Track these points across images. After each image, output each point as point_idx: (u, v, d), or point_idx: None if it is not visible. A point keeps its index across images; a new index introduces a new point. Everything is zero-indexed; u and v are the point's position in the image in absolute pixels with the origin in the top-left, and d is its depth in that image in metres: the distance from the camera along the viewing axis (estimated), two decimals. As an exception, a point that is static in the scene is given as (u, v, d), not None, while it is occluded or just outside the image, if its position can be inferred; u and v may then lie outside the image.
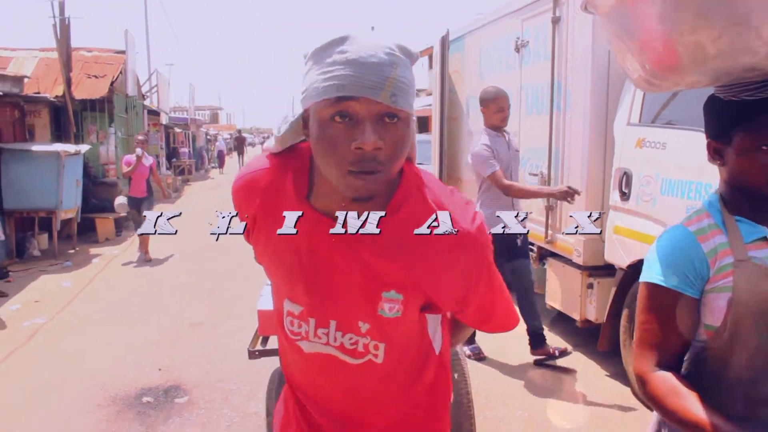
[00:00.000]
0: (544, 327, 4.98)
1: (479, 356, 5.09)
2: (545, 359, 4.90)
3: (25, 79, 10.94)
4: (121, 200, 10.08)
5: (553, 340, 5.01)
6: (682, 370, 1.51)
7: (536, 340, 4.92)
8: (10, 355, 5.53)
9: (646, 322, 1.48)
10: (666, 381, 1.44)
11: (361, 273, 1.25)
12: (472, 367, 4.68)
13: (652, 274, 1.47)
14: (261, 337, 3.17)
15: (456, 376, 2.99)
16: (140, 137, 9.98)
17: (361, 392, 1.40)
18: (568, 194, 4.32)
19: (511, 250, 4.80)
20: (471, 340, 5.14)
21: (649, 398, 1.48)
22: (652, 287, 1.47)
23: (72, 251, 10.41)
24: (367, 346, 1.32)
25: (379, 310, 1.28)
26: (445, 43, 7.92)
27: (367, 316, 1.29)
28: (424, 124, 18.41)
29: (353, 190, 1.13)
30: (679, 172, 3.79)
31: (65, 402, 4.50)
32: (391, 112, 1.11)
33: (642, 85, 1.63)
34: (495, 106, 4.77)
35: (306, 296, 1.32)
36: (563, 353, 4.87)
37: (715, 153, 1.50)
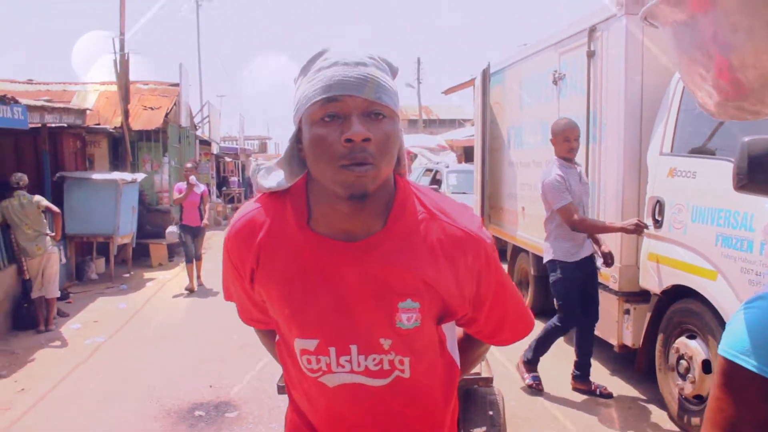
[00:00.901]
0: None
1: (538, 387, 4.97)
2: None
3: (87, 112, 11.54)
4: (171, 229, 10.34)
5: (592, 365, 5.10)
6: None
7: (582, 374, 5.00)
8: (73, 370, 5.89)
9: (718, 400, 1.22)
10: None
11: (374, 287, 1.26)
12: (510, 387, 4.83)
13: (732, 348, 1.19)
14: None
15: (492, 412, 3.14)
16: (189, 165, 9.85)
17: (395, 419, 1.38)
18: (639, 228, 4.43)
19: (588, 276, 4.85)
20: (533, 368, 5.03)
21: None
22: (731, 364, 1.18)
23: (127, 275, 10.86)
24: (393, 362, 1.31)
25: (397, 323, 1.27)
26: (486, 75, 8.17)
27: (387, 332, 1.28)
28: (469, 154, 18.66)
29: (347, 186, 1.15)
30: (709, 200, 3.93)
31: (124, 414, 4.80)
32: (376, 108, 1.17)
33: (726, 112, 1.34)
34: (562, 136, 4.72)
35: (322, 326, 1.29)
36: (603, 394, 4.88)
37: None
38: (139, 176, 11.63)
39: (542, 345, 4.94)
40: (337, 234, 1.26)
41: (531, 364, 5.03)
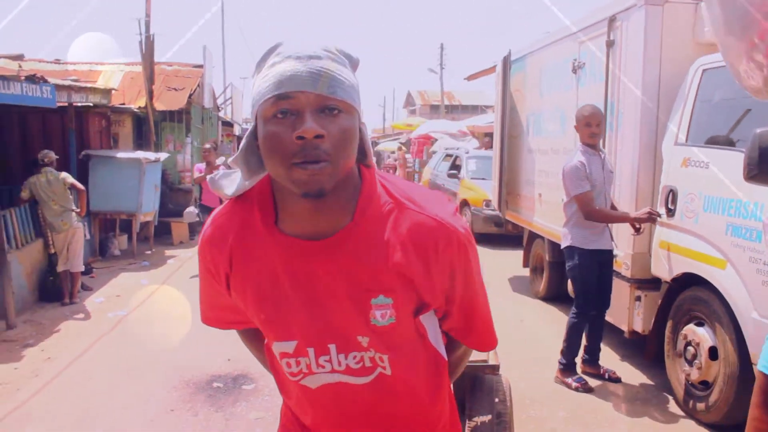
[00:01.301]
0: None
1: (586, 387, 4.82)
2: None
3: (113, 92, 11.71)
4: (190, 210, 10.50)
5: (603, 350, 5.19)
6: None
7: (591, 358, 5.08)
8: (96, 342, 6.10)
9: (757, 421, 1.14)
10: None
11: (346, 285, 1.23)
12: (520, 368, 4.94)
13: None
14: None
15: (497, 399, 3.09)
16: (207, 146, 9.81)
17: (383, 418, 1.37)
18: (652, 217, 4.49)
19: (604, 268, 4.84)
20: (572, 372, 4.95)
21: None
22: None
23: (149, 252, 11.07)
24: (374, 359, 1.29)
25: (371, 320, 1.24)
26: (507, 62, 8.20)
27: (363, 329, 1.26)
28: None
29: (301, 184, 1.11)
30: (720, 189, 3.99)
31: (145, 383, 4.98)
32: (331, 103, 1.12)
33: None
34: (583, 122, 4.72)
35: (298, 327, 1.27)
36: (612, 378, 4.96)
37: None
38: (162, 156, 11.79)
39: (570, 344, 4.91)
40: (305, 233, 1.22)
41: (568, 369, 4.94)
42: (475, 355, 2.95)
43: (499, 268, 9.18)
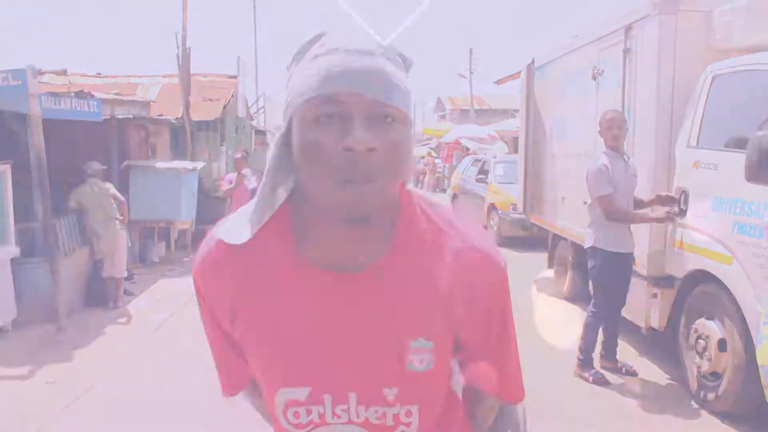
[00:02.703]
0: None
1: (603, 380, 5.02)
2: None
3: (151, 104, 12.16)
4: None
5: (621, 346, 5.39)
6: None
7: (609, 354, 5.27)
8: (141, 343, 6.49)
9: None
10: None
11: (381, 325, 1.06)
12: (545, 355, 5.17)
13: None
14: None
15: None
16: (238, 155, 9.98)
17: None
18: (670, 216, 4.74)
19: (624, 270, 5.00)
20: (590, 366, 5.10)
21: None
22: None
23: (186, 259, 11.42)
24: (397, 416, 1.11)
25: (408, 365, 1.07)
26: (530, 70, 8.44)
27: (394, 378, 1.08)
28: (517, 146, 18.96)
29: (346, 207, 0.95)
30: (728, 190, 4.19)
31: (188, 379, 5.26)
32: (386, 110, 0.95)
33: None
34: (606, 126, 4.89)
35: (316, 371, 1.09)
36: (629, 373, 5.16)
37: None
38: (200, 165, 12.17)
39: (588, 341, 5.11)
40: (333, 262, 1.05)
41: (586, 363, 5.12)
42: None
43: (524, 270, 9.36)
